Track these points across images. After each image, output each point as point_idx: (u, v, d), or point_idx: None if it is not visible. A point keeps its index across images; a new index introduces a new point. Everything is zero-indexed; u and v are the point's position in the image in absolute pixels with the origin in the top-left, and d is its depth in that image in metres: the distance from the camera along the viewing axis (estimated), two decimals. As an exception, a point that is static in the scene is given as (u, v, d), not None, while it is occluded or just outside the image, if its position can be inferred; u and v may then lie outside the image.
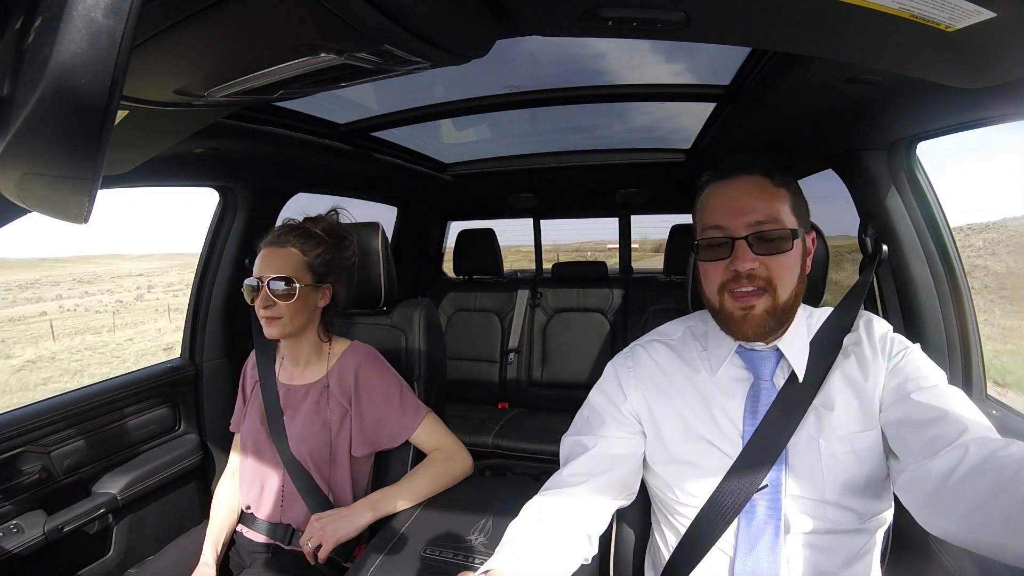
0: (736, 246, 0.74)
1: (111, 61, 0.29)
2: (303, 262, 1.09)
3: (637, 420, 0.86)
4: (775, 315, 0.75)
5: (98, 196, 0.35)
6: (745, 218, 0.74)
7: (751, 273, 0.73)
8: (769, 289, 0.74)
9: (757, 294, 0.74)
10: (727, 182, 0.78)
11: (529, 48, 1.26)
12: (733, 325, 0.76)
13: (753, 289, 0.74)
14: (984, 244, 10.41)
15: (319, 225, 1.16)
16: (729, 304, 0.75)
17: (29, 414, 1.22)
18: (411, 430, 1.12)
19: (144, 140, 0.90)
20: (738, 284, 0.74)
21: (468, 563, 0.85)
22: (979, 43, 0.60)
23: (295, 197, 1.83)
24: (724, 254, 0.75)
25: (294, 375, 1.17)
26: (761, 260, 0.73)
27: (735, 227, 0.74)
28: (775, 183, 0.77)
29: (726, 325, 0.78)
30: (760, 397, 0.78)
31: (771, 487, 0.74)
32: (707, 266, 0.77)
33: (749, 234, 0.73)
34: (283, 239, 1.10)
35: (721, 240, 0.75)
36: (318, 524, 1.00)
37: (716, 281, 0.76)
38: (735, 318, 0.75)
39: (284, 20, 0.54)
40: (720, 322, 0.79)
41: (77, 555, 1.29)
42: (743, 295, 0.74)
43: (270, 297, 1.05)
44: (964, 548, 0.59)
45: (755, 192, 0.76)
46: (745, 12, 0.62)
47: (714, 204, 0.78)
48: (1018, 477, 0.54)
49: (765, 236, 0.73)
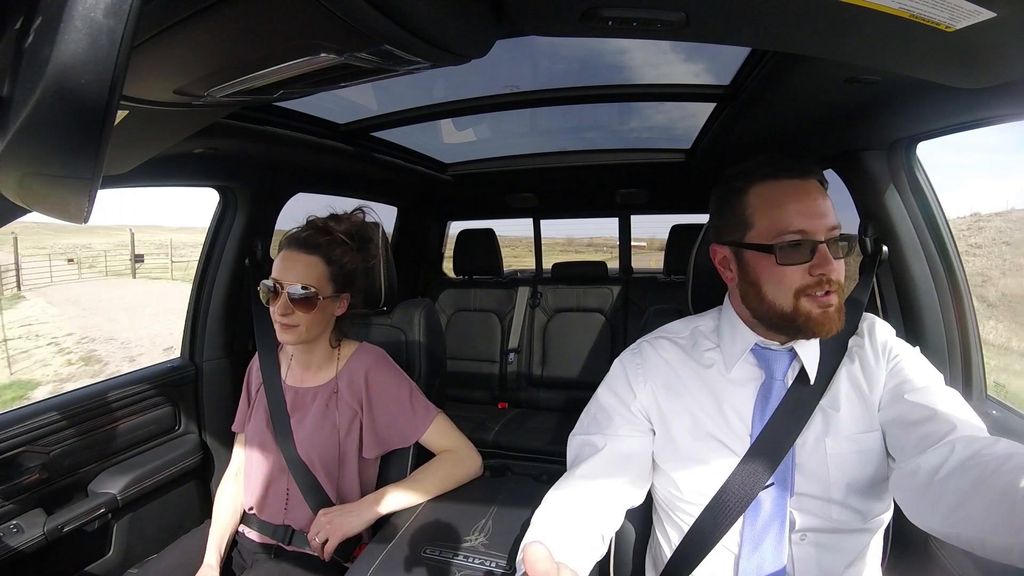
0: (820, 250, 0.72)
1: (111, 61, 0.29)
2: (326, 272, 1.07)
3: (646, 418, 0.86)
4: (842, 313, 0.75)
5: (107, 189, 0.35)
6: (825, 222, 0.73)
7: (831, 277, 0.73)
8: (839, 290, 0.74)
9: (832, 294, 0.73)
10: (802, 181, 0.75)
11: (529, 48, 1.26)
12: (813, 325, 0.73)
13: (832, 291, 0.73)
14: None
15: (343, 226, 1.13)
16: (807, 305, 0.73)
17: (29, 414, 1.21)
18: (422, 431, 1.12)
19: (144, 140, 0.90)
20: (820, 287, 0.73)
21: (468, 563, 0.85)
22: (979, 43, 0.60)
23: (295, 197, 1.83)
24: (805, 258, 0.73)
25: (303, 378, 1.16)
26: (835, 264, 0.73)
27: (817, 231, 0.73)
28: (825, 187, 0.77)
29: (804, 325, 0.74)
30: (771, 395, 0.79)
31: (777, 485, 0.75)
32: (784, 270, 0.74)
33: (828, 239, 0.73)
34: (309, 244, 1.08)
35: (802, 243, 0.73)
36: (325, 519, 1.00)
37: (794, 285, 0.74)
38: (815, 317, 0.73)
39: (284, 20, 0.54)
40: (791, 324, 0.76)
41: (77, 555, 1.29)
42: (822, 296, 0.73)
43: (289, 305, 1.04)
44: (950, 543, 0.59)
45: (824, 196, 0.76)
46: (745, 12, 0.62)
47: (793, 205, 0.74)
48: (998, 472, 0.55)
49: (839, 241, 0.74)
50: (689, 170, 2.05)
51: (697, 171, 2.03)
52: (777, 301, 0.75)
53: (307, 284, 1.04)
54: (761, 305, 0.77)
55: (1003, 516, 0.51)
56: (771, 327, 0.79)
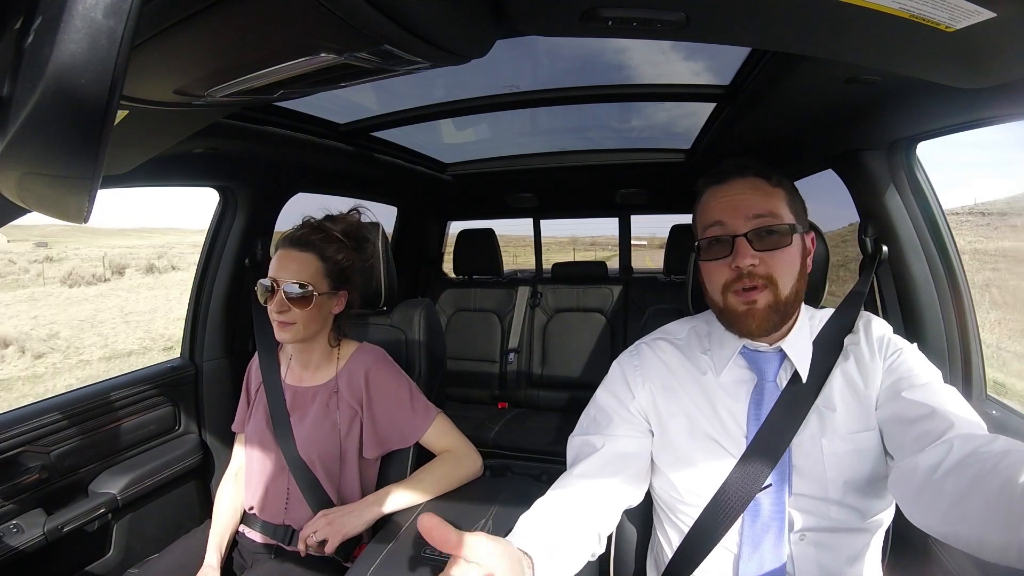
0: (737, 243, 0.74)
1: (111, 61, 0.29)
2: (321, 268, 1.07)
3: (645, 418, 0.86)
4: (777, 310, 0.75)
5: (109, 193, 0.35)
6: (743, 214, 0.75)
7: (752, 271, 0.74)
8: (770, 285, 0.74)
9: (759, 289, 0.74)
10: (724, 185, 0.79)
11: (529, 48, 1.26)
12: (737, 321, 0.76)
13: (755, 286, 0.74)
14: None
15: (339, 225, 1.13)
16: (733, 301, 0.76)
17: (29, 414, 1.21)
18: (422, 431, 1.12)
19: (144, 140, 0.90)
20: (740, 283, 0.75)
21: None
22: (979, 43, 0.60)
23: (295, 197, 1.83)
24: (725, 252, 0.75)
25: (303, 377, 1.16)
26: (761, 257, 0.74)
27: (735, 224, 0.75)
28: (771, 183, 0.78)
29: (731, 323, 0.78)
30: (764, 397, 0.79)
31: (775, 486, 0.75)
32: (709, 266, 0.78)
33: (749, 231, 0.74)
34: (303, 242, 1.08)
35: (721, 238, 0.76)
36: (325, 520, 0.99)
37: (719, 281, 0.77)
38: (738, 313, 0.76)
39: (284, 20, 0.54)
40: (725, 321, 0.80)
41: (77, 555, 1.29)
42: (746, 291, 0.75)
43: (285, 302, 1.04)
44: (948, 543, 0.59)
45: (751, 190, 0.77)
46: (745, 12, 0.62)
47: (712, 205, 0.79)
48: (996, 469, 0.54)
49: (764, 232, 0.74)
50: (689, 170, 2.05)
51: (697, 171, 2.01)
52: (713, 298, 0.79)
53: (302, 281, 1.04)
54: (709, 304, 0.82)
55: (1000, 513, 0.51)
56: (723, 326, 0.82)
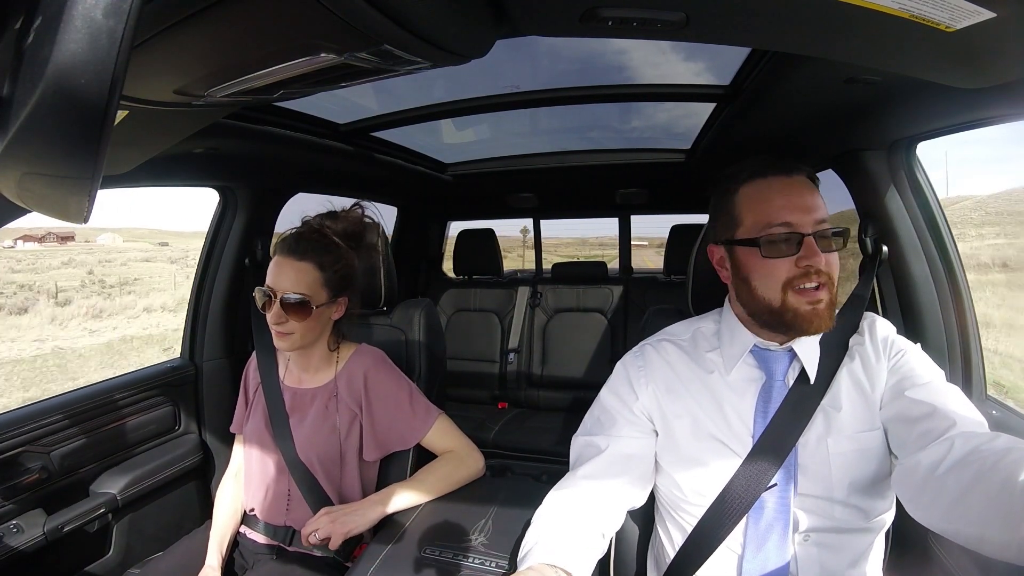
0: (806, 242, 0.73)
1: (111, 61, 0.29)
2: (320, 278, 1.04)
3: (649, 419, 0.86)
4: (832, 308, 0.75)
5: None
6: (812, 215, 0.74)
7: (820, 269, 0.73)
8: (829, 285, 0.74)
9: (823, 287, 0.73)
10: (787, 178, 0.76)
11: (529, 48, 1.26)
12: (801, 321, 0.74)
13: (818, 284, 0.73)
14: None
15: (340, 224, 1.11)
16: (795, 300, 0.74)
17: (29, 414, 1.21)
18: (423, 433, 1.11)
19: (144, 140, 0.90)
20: (807, 280, 0.73)
21: (468, 563, 0.85)
22: (979, 43, 0.60)
23: (295, 197, 1.83)
24: (792, 251, 0.73)
25: (302, 379, 1.16)
26: (825, 258, 0.73)
27: (804, 224, 0.73)
28: (816, 184, 0.78)
29: (792, 322, 0.75)
30: (772, 396, 0.79)
31: (780, 486, 0.75)
32: (770, 263, 0.75)
33: (815, 232, 0.73)
34: (300, 251, 1.04)
35: (788, 236, 0.74)
36: (328, 518, 0.98)
37: (781, 278, 0.74)
38: (802, 313, 0.73)
39: (284, 20, 0.54)
40: (779, 320, 0.76)
41: (77, 555, 1.29)
42: (810, 291, 0.73)
43: (282, 314, 1.02)
44: (953, 542, 0.59)
45: (811, 191, 0.76)
46: (745, 12, 0.62)
47: (779, 200, 0.75)
48: (997, 467, 0.55)
49: (827, 234, 0.74)
50: (689, 170, 2.05)
51: (697, 171, 2.03)
52: (766, 296, 0.76)
53: (300, 292, 1.02)
54: (752, 301, 0.78)
55: (1001, 510, 0.51)
56: (764, 325, 0.79)
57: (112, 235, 32.69)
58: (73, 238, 39.71)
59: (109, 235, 40.95)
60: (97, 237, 39.36)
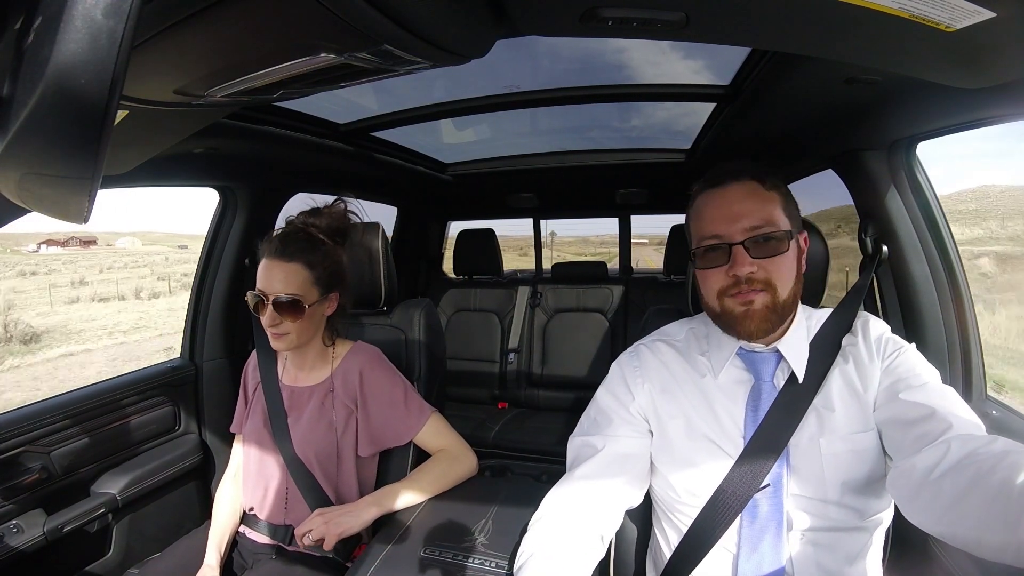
0: (734, 252, 0.74)
1: (111, 61, 0.29)
2: (309, 277, 1.05)
3: (644, 419, 0.86)
4: (775, 311, 0.75)
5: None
6: (741, 223, 0.75)
7: (750, 277, 0.74)
8: (768, 288, 0.75)
9: (756, 291, 0.75)
10: (719, 190, 0.79)
11: (529, 48, 1.26)
12: (735, 323, 0.77)
13: (753, 290, 0.75)
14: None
15: (324, 220, 1.12)
16: (730, 303, 0.76)
17: (29, 414, 1.21)
18: (416, 430, 1.12)
19: (144, 140, 0.90)
20: (737, 289, 0.75)
21: (468, 563, 0.85)
22: (979, 43, 0.60)
23: (295, 197, 1.83)
24: (722, 260, 0.75)
25: (298, 377, 1.16)
26: (759, 264, 0.74)
27: (731, 233, 0.75)
28: (766, 187, 0.78)
29: (729, 325, 0.79)
30: (761, 398, 0.79)
31: (773, 486, 0.75)
32: (706, 273, 0.78)
33: (746, 239, 0.74)
34: (288, 252, 1.05)
35: (718, 247, 0.76)
36: (321, 519, 0.99)
37: (715, 287, 0.77)
38: (736, 315, 0.76)
39: (284, 20, 0.54)
40: (722, 324, 0.80)
41: (77, 555, 1.29)
42: (743, 293, 0.75)
43: (276, 316, 1.03)
44: (946, 542, 0.59)
45: (748, 197, 0.77)
46: (745, 12, 0.62)
47: (709, 213, 0.78)
48: (994, 470, 0.55)
49: (761, 239, 0.74)
50: (689, 170, 2.05)
51: (697, 171, 2.01)
52: (709, 303, 0.80)
53: (291, 293, 1.03)
54: (705, 308, 0.82)
55: (998, 513, 0.51)
56: (721, 328, 0.83)
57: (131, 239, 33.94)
58: (95, 242, 40.30)
59: (128, 239, 41.81)
60: (116, 241, 40.20)
